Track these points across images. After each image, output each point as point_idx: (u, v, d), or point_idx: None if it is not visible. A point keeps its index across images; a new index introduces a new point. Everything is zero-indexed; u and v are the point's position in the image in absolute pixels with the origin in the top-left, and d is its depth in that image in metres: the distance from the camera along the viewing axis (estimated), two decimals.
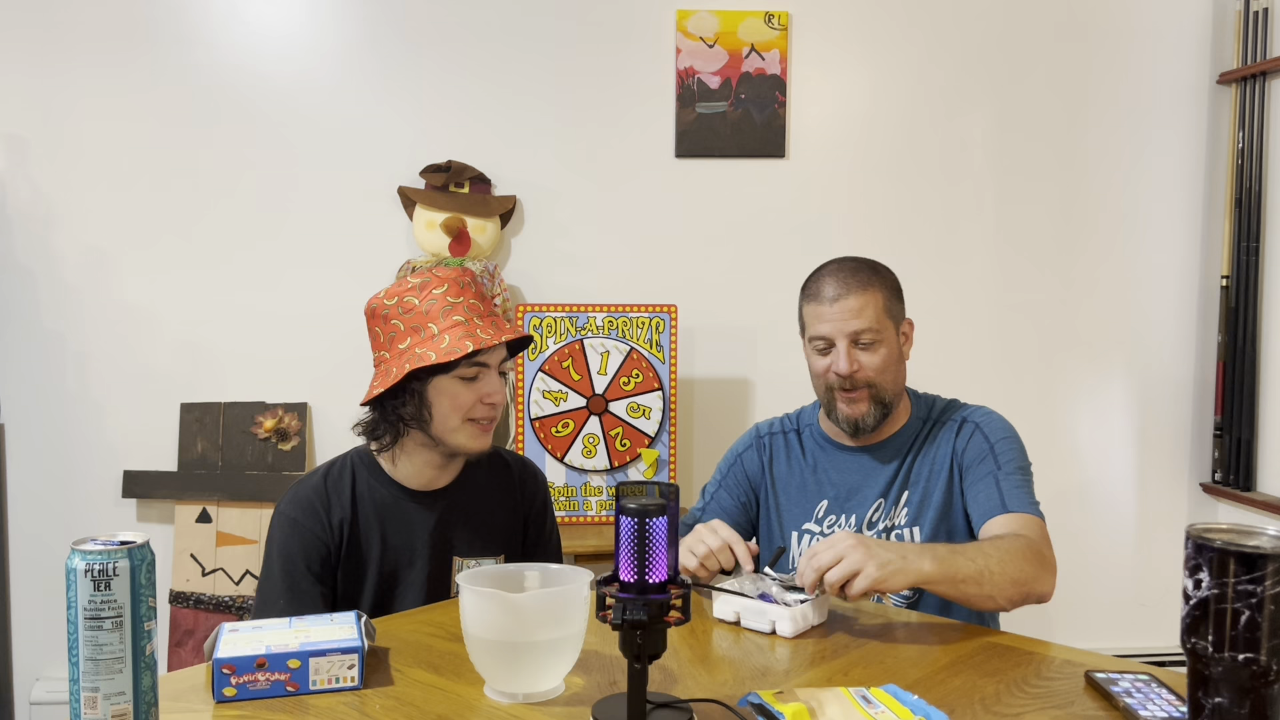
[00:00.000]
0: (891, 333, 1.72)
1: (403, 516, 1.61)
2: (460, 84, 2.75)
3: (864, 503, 1.75)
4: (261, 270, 2.73)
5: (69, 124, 2.66)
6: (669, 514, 1.02)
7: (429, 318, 1.54)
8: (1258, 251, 2.81)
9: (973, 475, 1.69)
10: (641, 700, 1.04)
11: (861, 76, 2.87)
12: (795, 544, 1.78)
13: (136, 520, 2.71)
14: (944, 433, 1.76)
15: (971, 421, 1.75)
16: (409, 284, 1.56)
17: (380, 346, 1.59)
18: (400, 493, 1.62)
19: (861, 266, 1.74)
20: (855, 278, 1.71)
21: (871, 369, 1.69)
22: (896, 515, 1.73)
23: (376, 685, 1.18)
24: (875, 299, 1.70)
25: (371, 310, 1.59)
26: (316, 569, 1.56)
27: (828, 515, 1.77)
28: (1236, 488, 2.84)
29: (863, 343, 1.69)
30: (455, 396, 1.54)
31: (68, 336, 2.68)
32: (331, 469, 1.63)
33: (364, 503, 1.60)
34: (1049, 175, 2.92)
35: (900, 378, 1.76)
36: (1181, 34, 2.93)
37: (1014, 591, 1.47)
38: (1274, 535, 0.86)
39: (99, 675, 0.92)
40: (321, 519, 1.57)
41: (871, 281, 1.71)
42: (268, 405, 2.71)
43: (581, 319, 2.55)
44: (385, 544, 1.60)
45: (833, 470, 1.79)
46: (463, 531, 1.64)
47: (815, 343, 1.73)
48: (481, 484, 1.68)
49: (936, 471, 1.73)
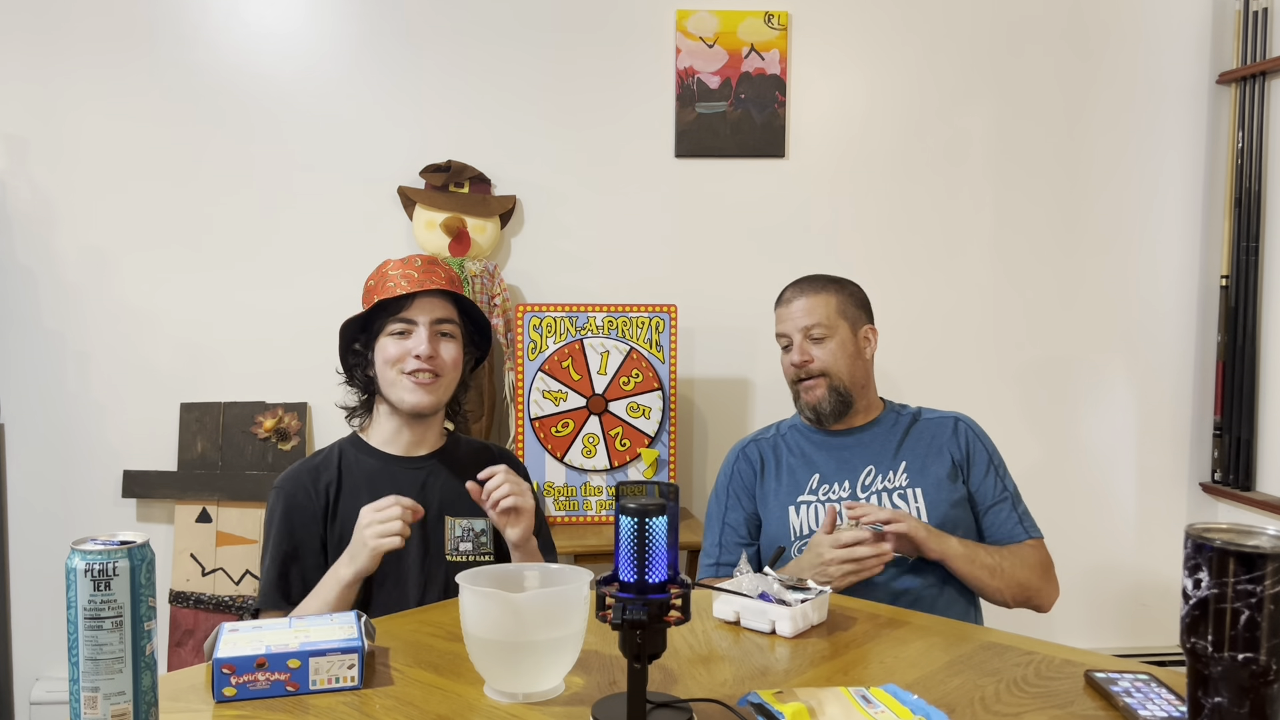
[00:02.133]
0: (845, 331, 1.95)
1: (389, 477, 1.71)
2: (460, 84, 2.75)
3: (854, 470, 1.92)
4: (261, 269, 2.73)
5: (69, 124, 2.66)
6: (669, 514, 1.02)
7: (376, 290, 1.71)
8: (1258, 251, 2.81)
9: (984, 493, 1.91)
10: (641, 700, 1.04)
11: (861, 76, 2.87)
12: (794, 516, 1.92)
13: (136, 520, 2.71)
14: (934, 425, 1.96)
15: (964, 423, 1.97)
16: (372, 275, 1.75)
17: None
18: (385, 459, 1.74)
19: (820, 277, 2.01)
20: (811, 285, 1.98)
21: (821, 358, 1.93)
22: (895, 478, 1.90)
23: (376, 685, 1.18)
24: (828, 300, 1.95)
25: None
26: (305, 530, 1.67)
27: (821, 485, 1.93)
28: (1236, 488, 2.84)
29: (813, 336, 1.94)
30: (384, 351, 1.69)
31: (68, 336, 2.68)
32: (320, 451, 1.78)
33: (350, 469, 1.72)
34: (1048, 175, 2.92)
35: (858, 372, 1.96)
36: (1181, 34, 2.93)
37: (1019, 592, 1.81)
38: (1274, 535, 0.86)
39: (99, 675, 0.92)
40: (306, 486, 1.69)
41: (826, 287, 1.97)
42: (268, 405, 2.71)
43: (581, 319, 2.55)
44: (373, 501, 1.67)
45: (818, 452, 1.97)
46: (449, 492, 1.72)
47: (780, 340, 2.00)
48: (463, 458, 1.78)
49: (933, 451, 1.92)
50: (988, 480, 1.91)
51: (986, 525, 1.91)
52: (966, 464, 1.92)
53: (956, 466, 1.91)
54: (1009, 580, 1.79)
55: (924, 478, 1.89)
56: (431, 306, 1.70)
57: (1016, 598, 1.81)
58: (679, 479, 2.77)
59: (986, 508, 1.90)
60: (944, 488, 1.88)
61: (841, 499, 1.89)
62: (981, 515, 1.91)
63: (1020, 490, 1.96)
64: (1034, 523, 1.92)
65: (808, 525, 1.90)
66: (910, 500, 1.87)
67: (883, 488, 1.90)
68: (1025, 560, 1.83)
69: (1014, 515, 1.90)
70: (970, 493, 1.91)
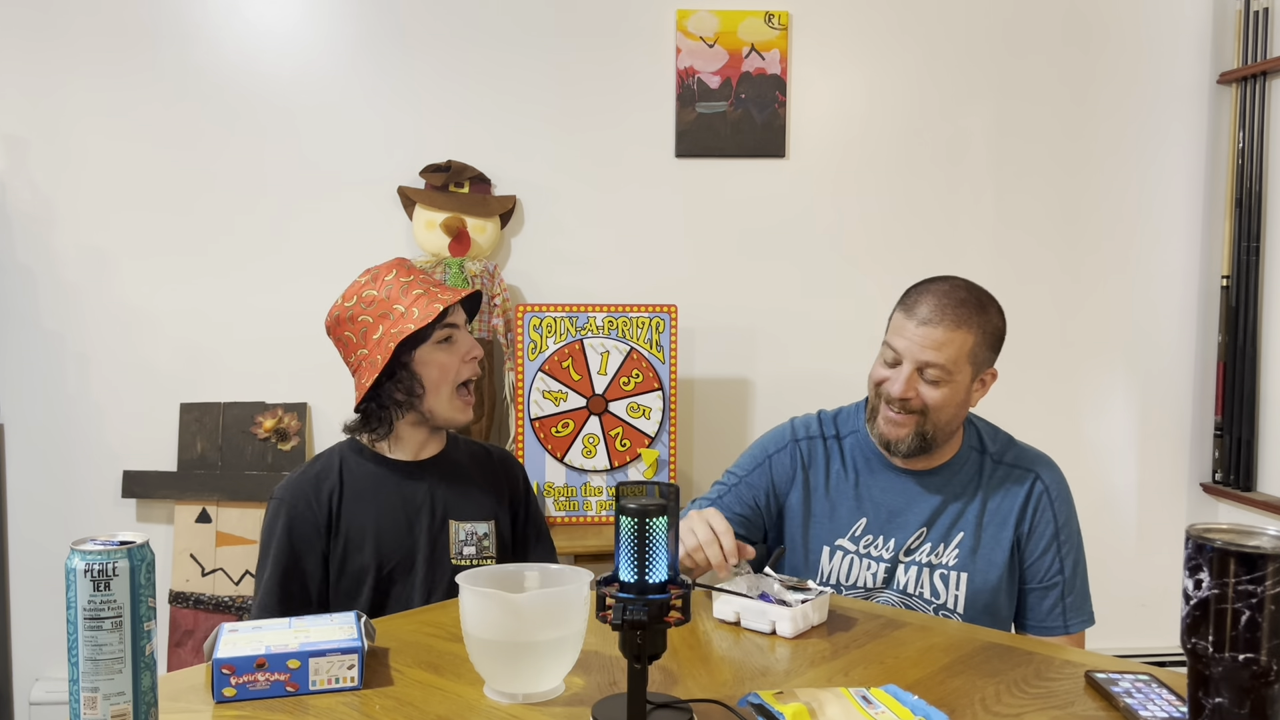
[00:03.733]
0: (965, 377, 1.63)
1: (395, 486, 1.68)
2: (460, 84, 2.75)
3: (905, 528, 1.69)
4: (261, 269, 2.73)
5: (68, 124, 2.66)
6: (669, 514, 1.02)
7: (391, 300, 1.63)
8: (1258, 251, 2.81)
9: (1034, 572, 1.68)
10: (641, 700, 1.04)
11: (861, 76, 2.87)
12: (827, 559, 1.71)
13: (136, 520, 2.71)
14: (1009, 487, 1.70)
15: (1042, 483, 1.71)
16: (359, 283, 1.66)
17: (354, 348, 1.66)
18: (389, 466, 1.70)
19: (969, 300, 1.63)
20: (955, 311, 1.61)
21: (927, 402, 1.62)
22: (945, 554, 1.67)
23: (376, 685, 1.18)
24: (964, 341, 1.61)
25: (335, 320, 1.67)
26: (306, 544, 1.62)
27: (864, 534, 1.70)
28: (1236, 488, 2.84)
29: (928, 377, 1.61)
30: (441, 363, 1.63)
31: (68, 336, 2.68)
32: (319, 457, 1.72)
33: (353, 478, 1.67)
34: (1048, 175, 2.92)
35: (956, 420, 1.67)
36: (1181, 34, 2.93)
37: None
38: (1274, 535, 0.86)
39: (99, 675, 0.92)
40: (308, 496, 1.64)
41: (969, 321, 1.61)
42: (267, 405, 2.71)
43: (581, 319, 2.55)
44: (380, 512, 1.65)
45: (875, 489, 1.72)
46: (453, 496, 1.71)
47: (887, 350, 1.66)
48: (463, 459, 1.77)
49: (996, 523, 1.68)
50: (1044, 559, 1.68)
51: (1028, 606, 1.70)
52: (1028, 538, 1.69)
53: (1017, 544, 1.68)
54: None
55: (974, 562, 1.67)
56: (458, 311, 1.69)
57: None
58: (679, 479, 2.76)
59: (1032, 589, 1.69)
60: (993, 576, 1.67)
61: (882, 560, 1.69)
62: (1027, 594, 1.70)
63: (1084, 557, 1.75)
64: (1080, 612, 1.69)
65: (838, 575, 1.71)
66: (951, 585, 1.67)
67: (927, 562, 1.68)
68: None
69: (1059, 605, 1.67)
70: (1022, 569, 1.70)
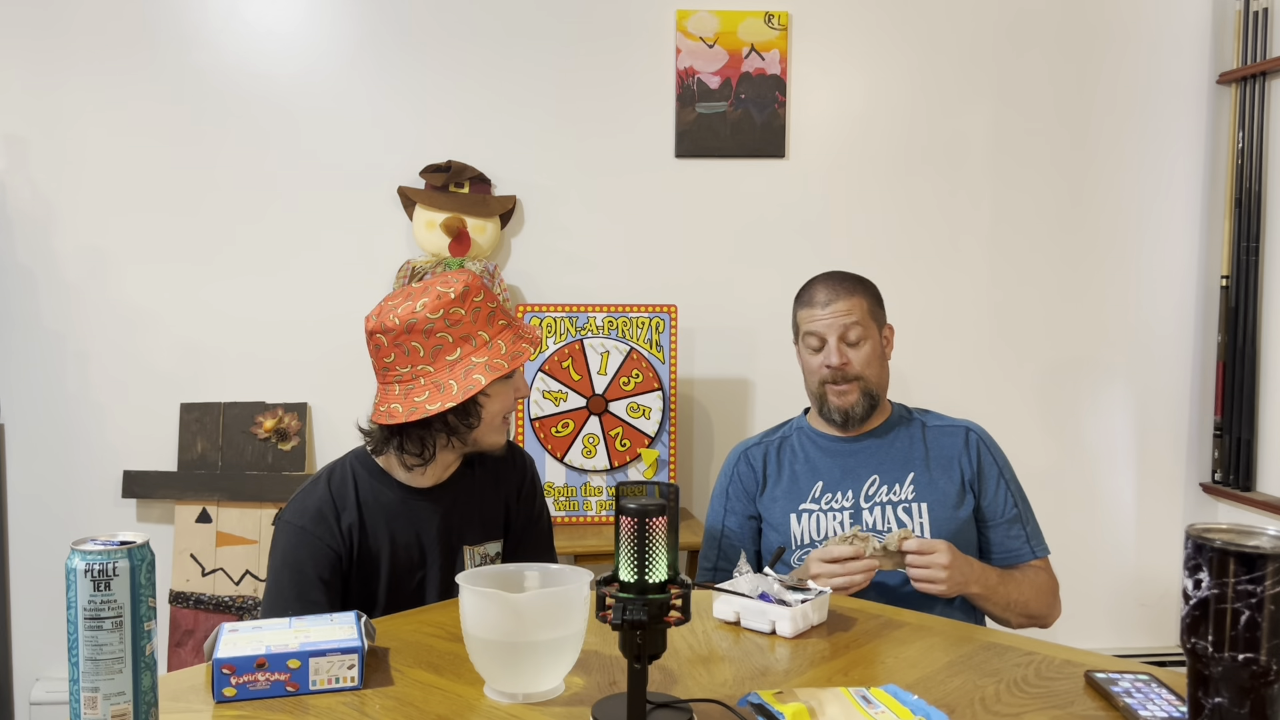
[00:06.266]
0: (875, 333, 1.93)
1: (410, 515, 1.61)
2: (460, 84, 2.75)
3: (859, 478, 1.90)
4: (261, 269, 2.73)
5: (69, 124, 2.66)
6: (669, 514, 1.02)
7: (477, 325, 1.51)
8: (1258, 251, 2.81)
9: (993, 510, 1.89)
10: (641, 700, 1.04)
11: (861, 76, 2.87)
12: (796, 524, 1.90)
13: (136, 520, 2.71)
14: (944, 439, 1.94)
15: (975, 434, 1.94)
16: (445, 295, 1.50)
17: (419, 361, 1.50)
18: (405, 493, 1.62)
19: (848, 276, 1.96)
20: (843, 284, 1.93)
21: (859, 362, 1.89)
22: (902, 490, 1.88)
23: (376, 685, 1.18)
24: (861, 303, 1.91)
25: (406, 327, 1.49)
26: (326, 576, 1.55)
27: (824, 494, 1.91)
28: (1236, 488, 2.84)
29: (850, 340, 1.89)
30: (503, 397, 1.59)
31: (68, 336, 2.68)
32: (333, 476, 1.62)
33: (370, 507, 1.60)
34: (1048, 175, 2.92)
35: (884, 375, 1.95)
36: (1181, 34, 2.93)
37: (1027, 621, 1.84)
38: (1274, 535, 0.86)
39: (99, 675, 0.92)
40: (331, 526, 1.56)
41: (857, 289, 1.93)
42: (268, 405, 2.71)
43: (581, 319, 2.55)
44: (395, 544, 1.60)
45: (824, 458, 1.95)
46: (468, 520, 1.66)
47: (809, 340, 1.93)
48: (478, 475, 1.70)
49: (943, 465, 1.90)
50: (998, 496, 1.89)
51: (993, 542, 1.89)
52: (977, 479, 1.89)
53: (966, 482, 1.88)
54: (1020, 612, 1.82)
55: (931, 492, 1.87)
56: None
57: (1023, 624, 1.84)
58: (679, 479, 2.76)
59: (994, 525, 1.89)
60: (951, 504, 1.86)
61: (844, 509, 1.87)
62: (988, 531, 1.89)
63: (1027, 495, 1.94)
64: (1042, 540, 1.90)
65: (809, 534, 1.87)
66: (914, 515, 1.85)
67: (887, 500, 1.87)
68: (1042, 589, 1.85)
69: (1022, 534, 1.88)
70: (979, 508, 1.89)
